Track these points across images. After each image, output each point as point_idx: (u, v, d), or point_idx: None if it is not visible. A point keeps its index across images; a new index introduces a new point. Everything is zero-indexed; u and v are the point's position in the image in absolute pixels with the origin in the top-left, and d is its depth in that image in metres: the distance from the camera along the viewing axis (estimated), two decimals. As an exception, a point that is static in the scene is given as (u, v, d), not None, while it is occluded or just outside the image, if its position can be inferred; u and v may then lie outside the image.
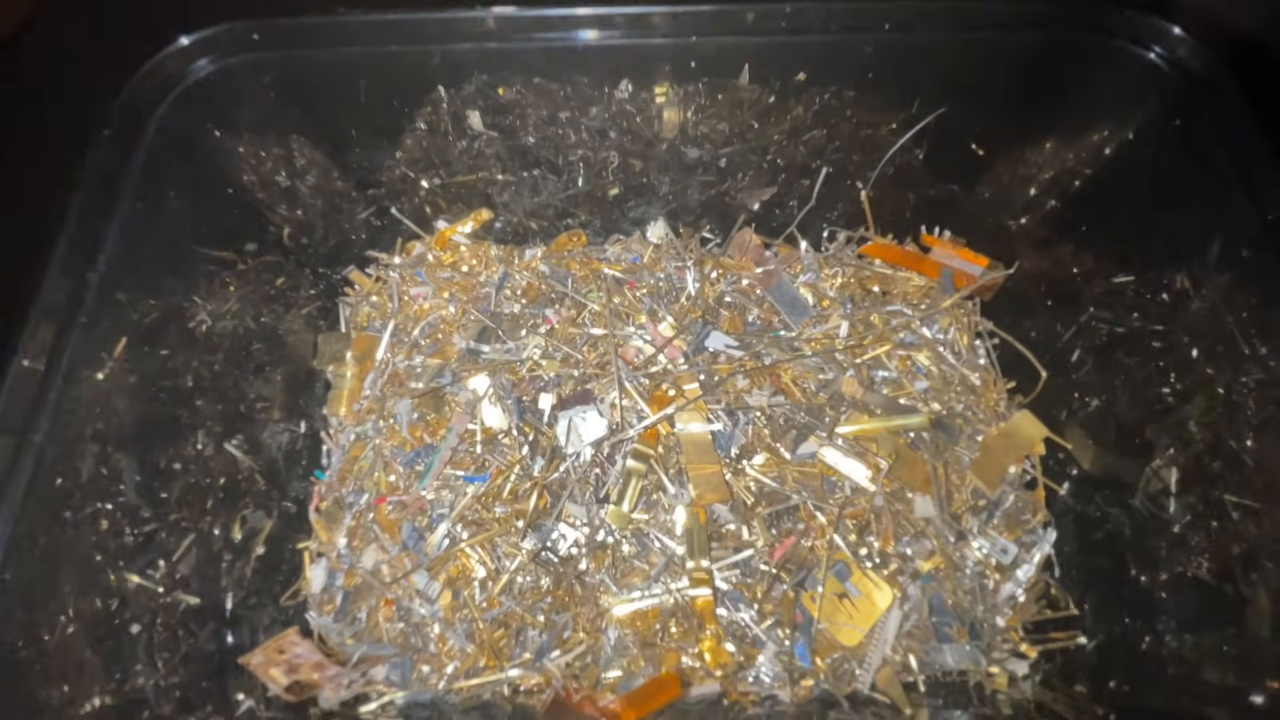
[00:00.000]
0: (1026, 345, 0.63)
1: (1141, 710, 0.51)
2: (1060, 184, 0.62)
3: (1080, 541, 0.59)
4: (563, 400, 0.57)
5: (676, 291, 0.64)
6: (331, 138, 0.60)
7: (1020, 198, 0.64)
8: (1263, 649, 0.44)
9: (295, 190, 0.61)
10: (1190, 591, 0.51)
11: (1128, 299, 0.59)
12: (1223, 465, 0.50)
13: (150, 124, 0.48)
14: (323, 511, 0.59)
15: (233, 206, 0.59)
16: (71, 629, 0.44)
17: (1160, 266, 0.54)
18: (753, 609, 0.53)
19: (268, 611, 0.56)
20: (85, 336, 0.45)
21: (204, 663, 0.52)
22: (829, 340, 0.61)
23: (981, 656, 0.53)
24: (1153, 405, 0.56)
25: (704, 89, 0.61)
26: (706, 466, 0.55)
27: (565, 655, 0.51)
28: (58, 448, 0.44)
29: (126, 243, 0.48)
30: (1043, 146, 0.61)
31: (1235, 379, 0.49)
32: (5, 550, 0.39)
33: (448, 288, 0.64)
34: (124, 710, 0.46)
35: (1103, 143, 0.58)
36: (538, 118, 0.62)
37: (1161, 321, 0.56)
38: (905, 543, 0.56)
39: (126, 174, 0.47)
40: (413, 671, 0.52)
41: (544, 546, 0.54)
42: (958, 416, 0.60)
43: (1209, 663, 0.48)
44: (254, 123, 0.55)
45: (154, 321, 0.52)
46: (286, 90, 0.54)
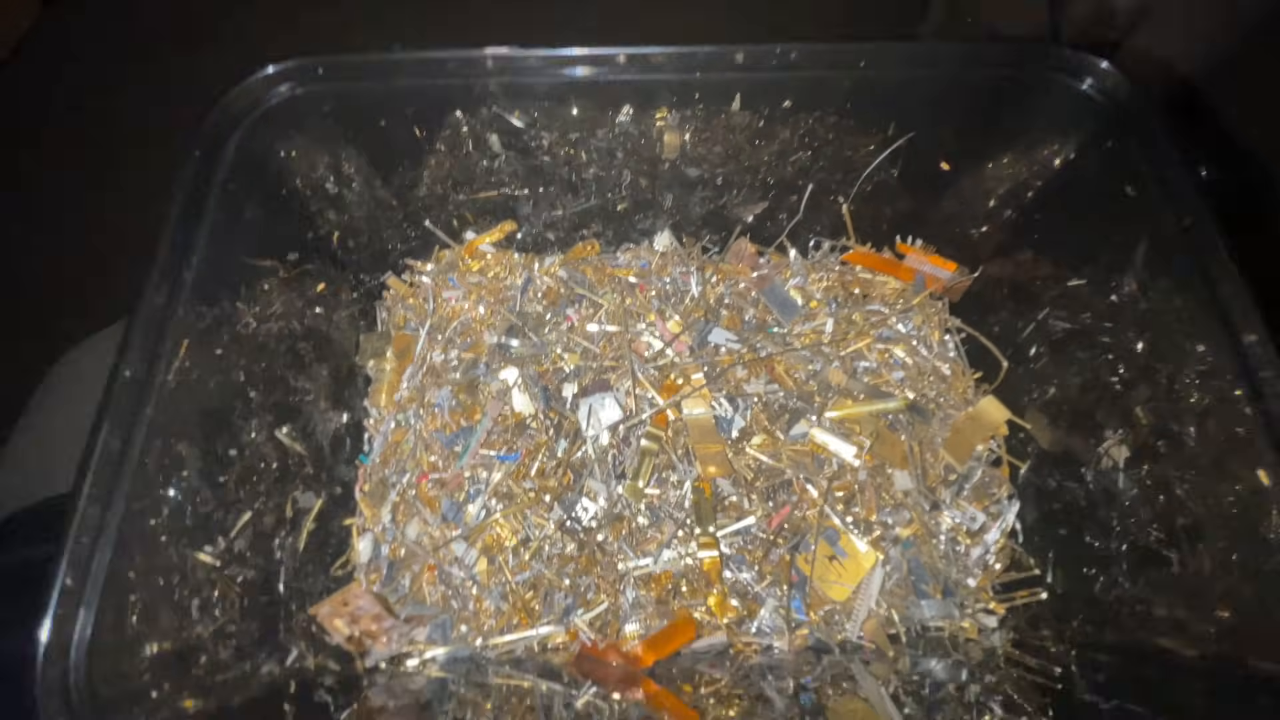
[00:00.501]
0: (990, 339, 0.71)
1: (1100, 645, 0.57)
2: (1015, 198, 0.70)
3: (1040, 511, 0.66)
4: (583, 389, 0.64)
5: (681, 293, 0.72)
6: (376, 157, 0.68)
7: (981, 210, 0.73)
8: (1208, 584, 0.50)
9: (343, 200, 0.68)
10: (1140, 556, 0.58)
11: (1080, 299, 0.66)
12: (1166, 445, 0.56)
13: (230, 144, 0.56)
14: (367, 492, 0.65)
15: (289, 216, 0.66)
16: (140, 605, 0.49)
17: (1107, 270, 0.61)
18: (753, 570, 0.60)
19: (319, 581, 0.62)
20: (171, 344, 0.51)
21: (259, 616, 0.57)
22: (816, 335, 0.69)
23: (955, 610, 0.60)
24: (1103, 392, 0.63)
25: (701, 116, 0.68)
26: (711, 446, 0.63)
27: (589, 613, 0.58)
28: (150, 441, 0.49)
29: (206, 254, 0.54)
30: (999, 165, 0.70)
31: (1176, 369, 0.56)
32: (114, 549, 0.45)
33: (477, 291, 0.71)
34: (183, 654, 0.50)
35: (1049, 161, 0.66)
36: (552, 141, 0.69)
37: (1110, 319, 0.63)
38: (886, 512, 0.63)
39: (211, 188, 0.54)
40: (453, 630, 0.59)
41: (568, 517, 0.60)
42: (930, 402, 0.67)
43: (1158, 599, 0.54)
44: (314, 143, 0.62)
45: (209, 324, 0.58)
46: (342, 115, 0.61)
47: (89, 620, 0.43)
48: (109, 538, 0.45)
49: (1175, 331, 0.57)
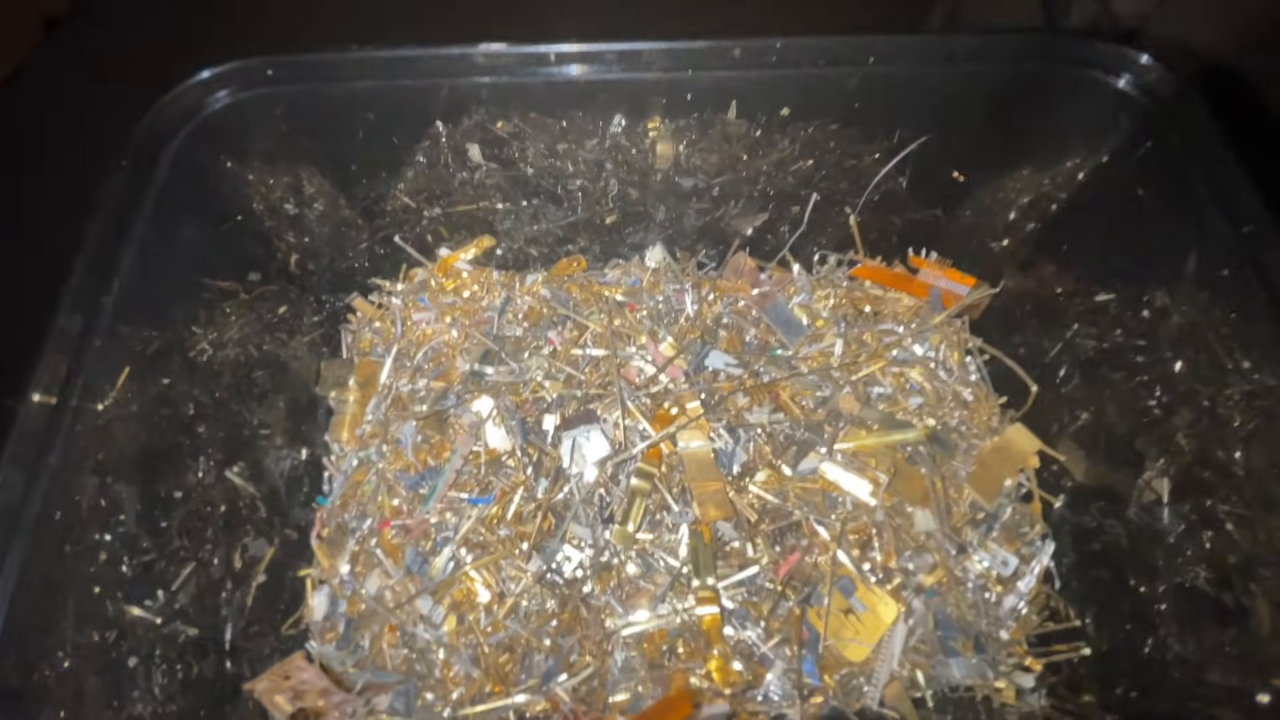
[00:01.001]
0: (1015, 361, 0.65)
1: (1150, 715, 0.51)
2: (1040, 206, 0.65)
3: (1078, 553, 0.60)
4: (566, 421, 0.57)
5: (675, 313, 0.66)
6: (338, 168, 0.62)
7: (1002, 220, 0.67)
8: (1265, 648, 0.45)
9: (302, 219, 0.63)
10: (1189, 600, 0.51)
11: (1110, 315, 0.60)
12: (1213, 475, 0.51)
13: (166, 155, 0.50)
14: (324, 538, 0.58)
15: (240, 235, 0.60)
16: (68, 663, 0.43)
17: (1140, 283, 0.56)
18: (759, 627, 0.53)
19: (268, 641, 0.55)
20: (94, 368, 0.46)
21: (204, 692, 0.51)
22: (824, 358, 0.63)
23: (988, 669, 0.53)
24: (1141, 418, 0.57)
25: (695, 122, 0.63)
26: (710, 484, 0.56)
27: (572, 679, 0.51)
28: (64, 481, 0.43)
29: (137, 273, 0.48)
30: (1021, 171, 0.64)
31: (1219, 391, 0.50)
32: (16, 586, 0.39)
33: (450, 312, 0.65)
34: None
35: (1078, 166, 0.61)
36: (536, 150, 0.64)
37: (1144, 336, 0.57)
38: (907, 557, 0.56)
39: (141, 205, 0.48)
40: (417, 699, 0.52)
41: (549, 568, 0.54)
42: (952, 431, 0.61)
43: (1212, 664, 0.48)
44: (264, 153, 0.56)
45: (156, 351, 0.53)
46: (296, 122, 0.56)
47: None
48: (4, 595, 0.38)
49: (1218, 349, 0.51)
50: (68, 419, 0.43)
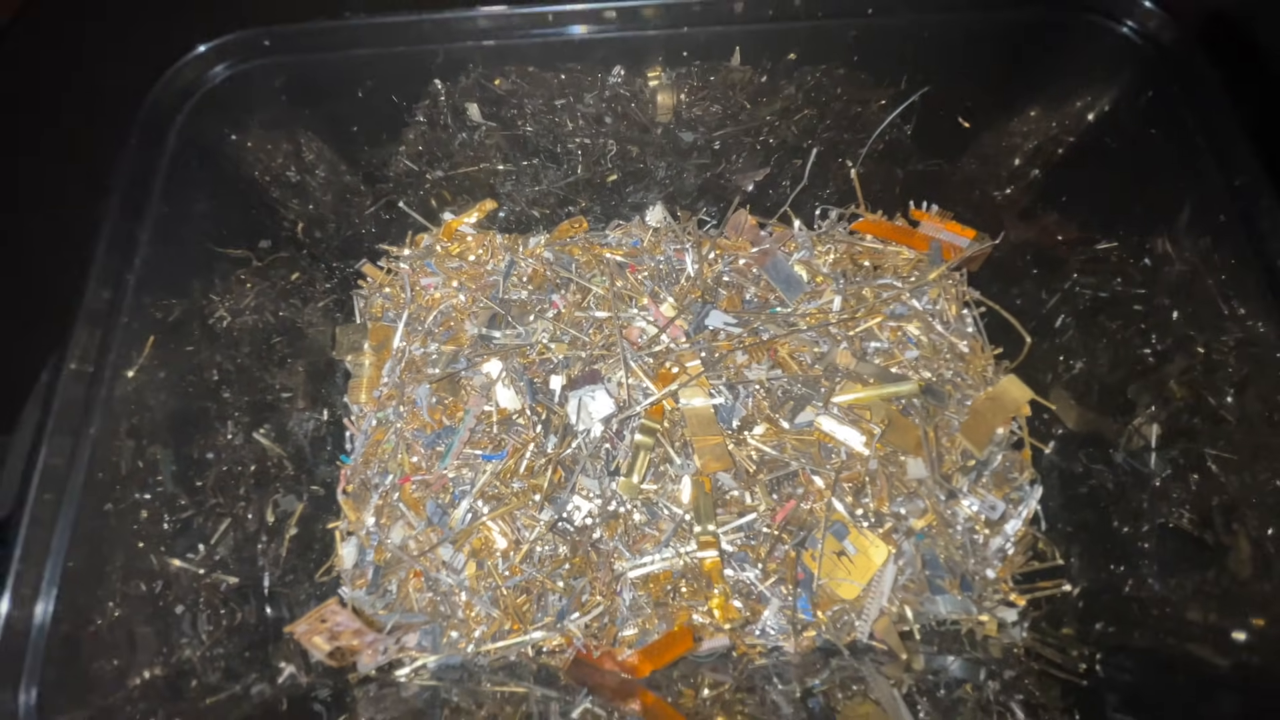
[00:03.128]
0: (1012, 313, 0.66)
1: (1126, 650, 0.53)
2: (1043, 155, 0.64)
3: (1065, 496, 0.62)
4: (572, 381, 0.60)
5: (676, 273, 0.67)
6: (339, 135, 0.62)
7: (1005, 169, 0.66)
8: (1244, 587, 0.46)
9: (306, 187, 0.64)
10: (1171, 540, 0.53)
11: (1110, 264, 0.61)
12: (1202, 421, 0.52)
13: (172, 131, 0.51)
14: (350, 493, 0.62)
15: (248, 205, 0.61)
16: (119, 612, 0.47)
17: (1141, 231, 0.56)
18: (757, 568, 0.56)
19: (304, 588, 0.60)
20: (124, 337, 0.48)
21: (248, 635, 0.55)
22: (823, 315, 0.64)
23: (972, 605, 0.57)
24: (1134, 365, 0.58)
25: (696, 73, 0.62)
26: (710, 438, 0.58)
27: (584, 617, 0.55)
28: (104, 445, 0.46)
29: (155, 246, 0.50)
30: (1025, 119, 0.63)
31: (1214, 338, 0.51)
32: (70, 543, 0.42)
33: (456, 276, 0.66)
34: (174, 680, 0.49)
35: (1081, 114, 0.60)
36: (535, 107, 0.64)
37: (1143, 285, 0.58)
38: (899, 503, 0.59)
39: (153, 180, 0.49)
40: (442, 637, 0.56)
41: (560, 517, 0.57)
42: (947, 383, 0.63)
43: (1191, 603, 0.50)
44: (267, 124, 0.57)
45: (177, 320, 0.55)
46: (297, 92, 0.56)
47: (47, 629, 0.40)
48: (60, 550, 0.42)
49: (1215, 296, 0.52)
50: (104, 388, 0.46)
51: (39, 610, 0.40)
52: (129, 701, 0.46)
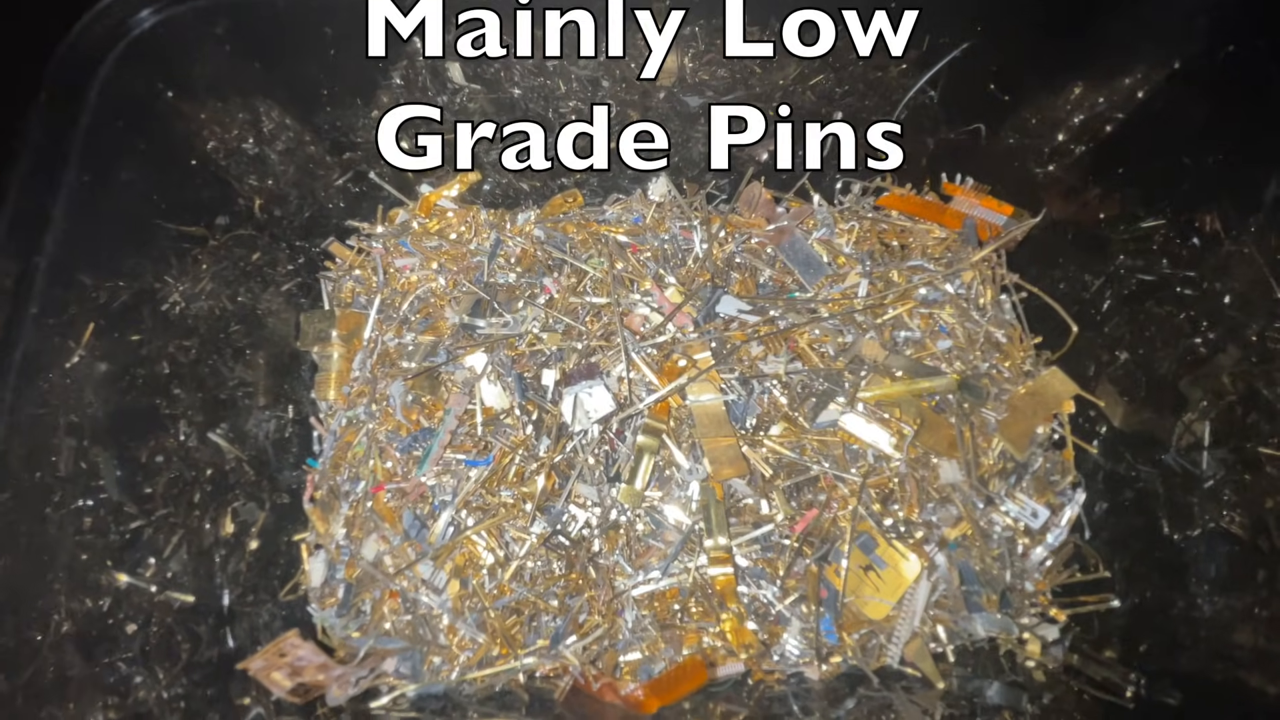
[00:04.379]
0: (1055, 298, 0.60)
1: (1173, 674, 0.50)
2: (1094, 124, 0.58)
3: (1111, 501, 0.57)
4: (567, 375, 0.53)
5: (683, 253, 0.60)
6: (299, 96, 0.56)
7: (1049, 141, 0.60)
8: None
9: (263, 156, 0.57)
10: (1223, 547, 0.50)
11: (1157, 243, 0.56)
12: (1257, 416, 0.48)
13: (93, 86, 0.43)
14: (318, 501, 0.56)
15: (195, 176, 0.54)
16: (65, 627, 0.42)
17: (1192, 208, 0.52)
18: (775, 585, 0.51)
19: (267, 608, 0.54)
20: (39, 324, 0.42)
21: (205, 668, 0.50)
22: (847, 300, 0.57)
23: (1012, 624, 0.51)
24: (1185, 357, 0.54)
25: (703, 30, 0.55)
26: (721, 439, 0.52)
27: (581, 640, 0.49)
28: (26, 445, 0.41)
29: (78, 221, 0.44)
30: (1076, 83, 0.57)
31: (1269, 325, 0.47)
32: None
33: (436, 257, 0.59)
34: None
35: (1144, 76, 0.54)
36: (523, 68, 0.57)
37: (1192, 267, 0.53)
38: (930, 510, 0.53)
39: (70, 143, 0.42)
40: (423, 664, 0.51)
41: (554, 530, 0.51)
42: (983, 376, 0.57)
43: (1242, 626, 0.47)
44: (209, 81, 0.50)
45: (121, 305, 0.49)
46: (245, 42, 0.49)
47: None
48: None
49: (1270, 278, 0.47)
50: (11, 382, 0.40)
51: None
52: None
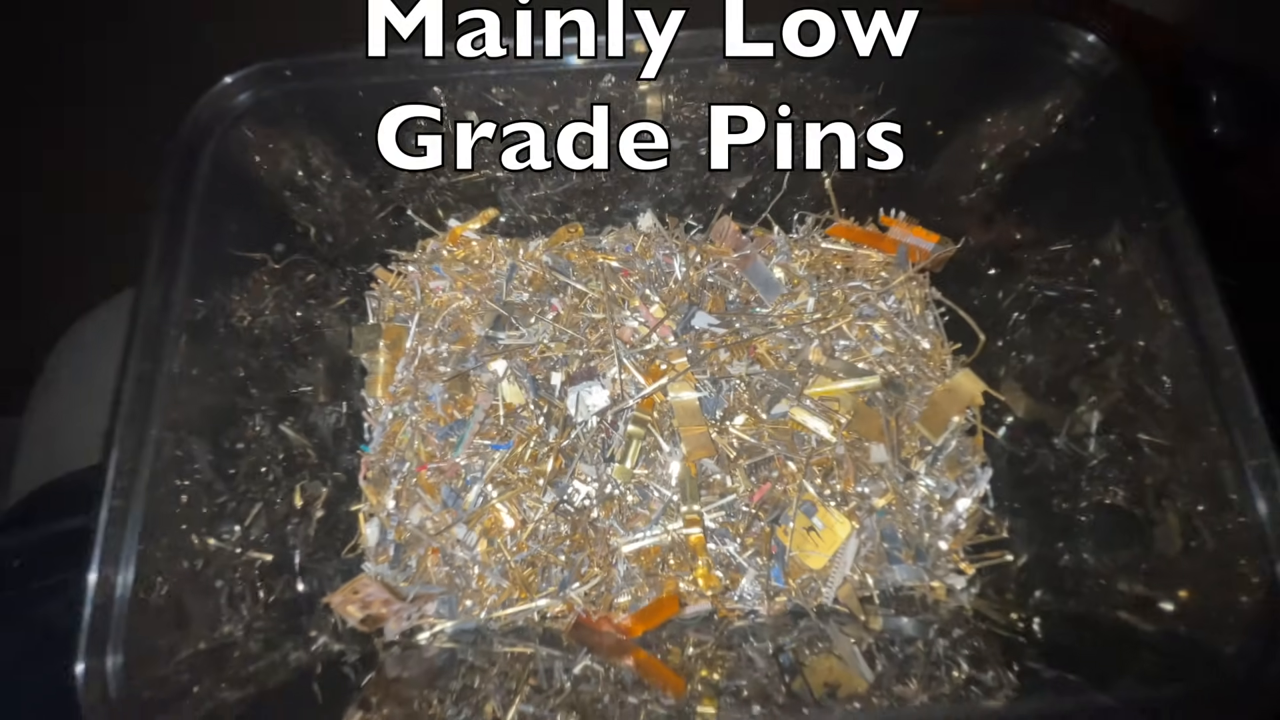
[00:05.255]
0: (970, 312, 0.72)
1: (1061, 615, 0.60)
2: (1001, 167, 0.69)
3: (1012, 477, 0.69)
4: (570, 377, 0.66)
5: (665, 276, 0.73)
6: (351, 150, 0.67)
7: (966, 181, 0.72)
8: (1172, 563, 0.52)
9: (317, 195, 0.68)
10: (1106, 516, 0.60)
11: (1062, 265, 0.67)
12: (1138, 409, 0.58)
13: (205, 154, 0.56)
14: (370, 479, 0.69)
15: (264, 212, 0.66)
16: (167, 588, 0.52)
17: (1088, 236, 0.62)
18: (736, 542, 0.64)
19: (332, 564, 0.67)
20: (170, 343, 0.54)
21: (281, 608, 0.62)
22: (798, 315, 0.70)
23: (925, 574, 0.65)
24: (1079, 359, 0.64)
25: (684, 80, 0.65)
26: (695, 428, 0.65)
27: (583, 586, 0.62)
28: (136, 437, 0.51)
29: (195, 261, 0.56)
30: (985, 137, 0.68)
31: (1151, 335, 0.57)
32: (143, 531, 0.49)
33: (463, 280, 0.72)
34: (219, 652, 0.56)
35: (1035, 133, 0.65)
36: (530, 114, 0.67)
37: (1091, 285, 0.63)
38: (863, 484, 0.66)
39: (189, 203, 0.55)
40: (458, 605, 0.64)
41: (561, 500, 0.64)
42: (908, 376, 0.70)
43: (1122, 575, 0.56)
44: (287, 143, 0.62)
45: (203, 319, 0.60)
46: (314, 114, 0.61)
47: (124, 629, 0.47)
48: (135, 527, 0.49)
49: (1152, 296, 0.58)
50: (160, 386, 0.52)
51: (120, 585, 0.46)
52: (187, 669, 0.52)
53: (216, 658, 0.55)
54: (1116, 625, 0.56)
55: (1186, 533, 0.53)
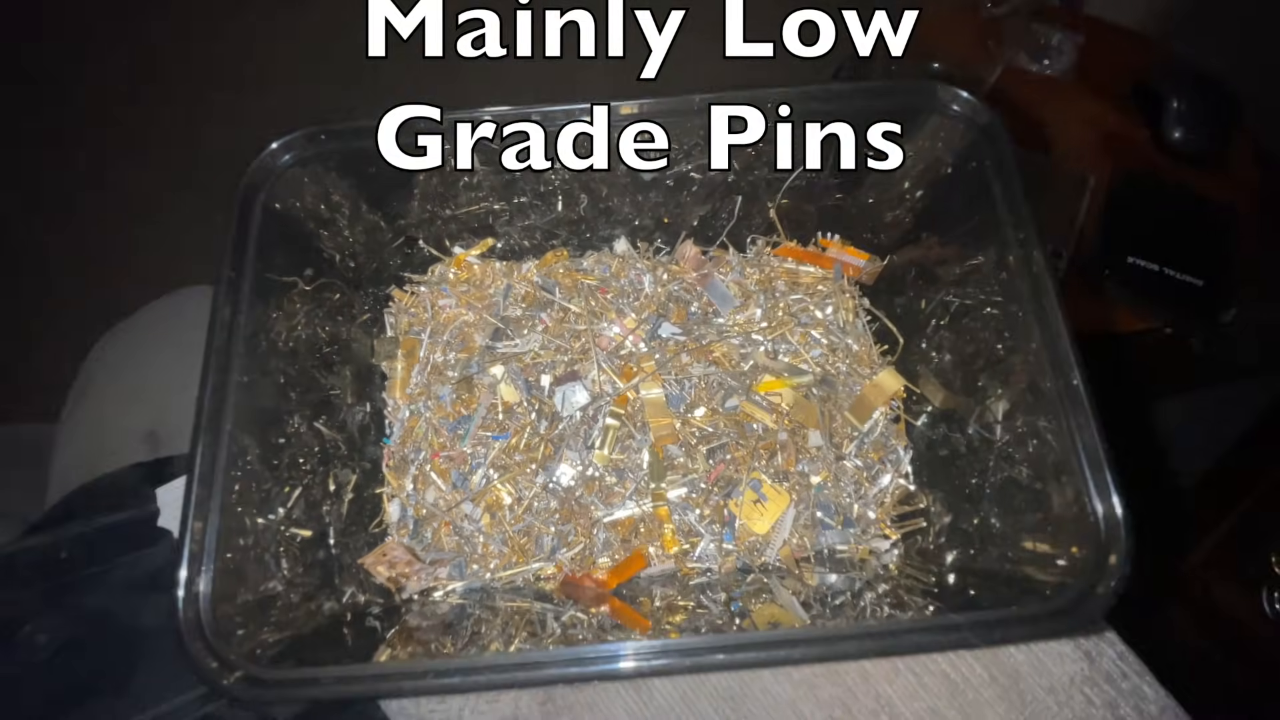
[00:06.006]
0: (895, 319, 0.85)
1: (972, 570, 0.71)
2: (918, 197, 0.82)
3: (930, 458, 0.81)
4: (558, 379, 0.79)
5: (637, 292, 0.86)
6: (370, 192, 0.80)
7: (891, 207, 0.85)
8: (1064, 526, 0.61)
9: (345, 231, 0.82)
10: (1011, 488, 0.70)
11: (972, 278, 0.79)
12: (1035, 399, 0.67)
13: (256, 205, 0.69)
14: (392, 467, 0.82)
15: (302, 248, 0.79)
16: (229, 555, 0.65)
17: (989, 255, 0.72)
18: (696, 512, 0.77)
19: (360, 537, 0.80)
20: (235, 359, 0.67)
21: (317, 569, 0.74)
22: (749, 324, 0.84)
23: (853, 538, 0.78)
24: (988, 357, 0.75)
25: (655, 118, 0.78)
26: (662, 419, 0.78)
27: (570, 551, 0.75)
28: (204, 437, 0.63)
29: (250, 286, 0.69)
30: (902, 172, 0.82)
31: (1046, 337, 0.66)
32: (221, 514, 0.61)
33: (466, 299, 0.85)
34: (264, 602, 0.67)
35: (936, 169, 0.78)
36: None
37: (999, 295, 0.75)
38: (802, 464, 0.79)
39: (248, 245, 0.68)
40: (467, 569, 0.77)
41: (551, 481, 0.77)
42: (841, 374, 0.83)
43: (1023, 537, 0.66)
44: (321, 193, 0.75)
45: (255, 337, 0.70)
46: (345, 169, 0.74)
47: (209, 571, 0.60)
48: (215, 515, 0.62)
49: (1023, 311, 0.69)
50: (229, 395, 0.65)
51: (208, 536, 0.59)
52: (243, 611, 0.65)
53: (265, 605, 0.68)
54: (1018, 578, 0.66)
55: (1078, 504, 0.65)
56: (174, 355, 1.00)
